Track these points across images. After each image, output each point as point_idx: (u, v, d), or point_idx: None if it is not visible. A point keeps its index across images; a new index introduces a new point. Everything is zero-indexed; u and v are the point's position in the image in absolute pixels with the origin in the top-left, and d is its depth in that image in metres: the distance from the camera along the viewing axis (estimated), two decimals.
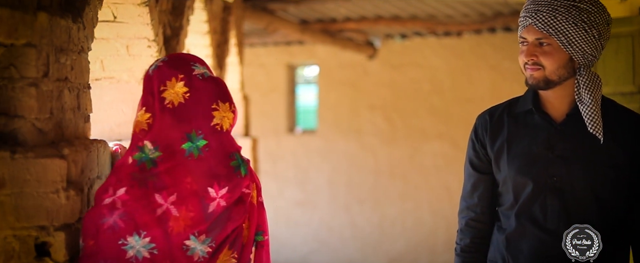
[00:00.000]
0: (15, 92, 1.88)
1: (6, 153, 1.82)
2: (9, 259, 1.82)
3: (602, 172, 2.18)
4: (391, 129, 8.99)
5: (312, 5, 7.35)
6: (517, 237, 2.25)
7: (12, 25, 1.82)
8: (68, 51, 2.10)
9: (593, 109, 2.14)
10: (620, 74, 4.83)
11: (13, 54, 1.88)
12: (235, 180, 1.85)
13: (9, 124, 1.89)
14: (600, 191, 2.19)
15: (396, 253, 8.92)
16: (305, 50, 9.40)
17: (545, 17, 2.15)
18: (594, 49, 2.16)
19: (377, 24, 8.04)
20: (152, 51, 3.24)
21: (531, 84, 2.21)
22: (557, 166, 2.20)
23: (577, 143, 2.19)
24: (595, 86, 2.17)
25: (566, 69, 2.18)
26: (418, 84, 8.84)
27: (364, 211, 9.09)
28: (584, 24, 2.12)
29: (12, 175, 1.82)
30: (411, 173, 8.86)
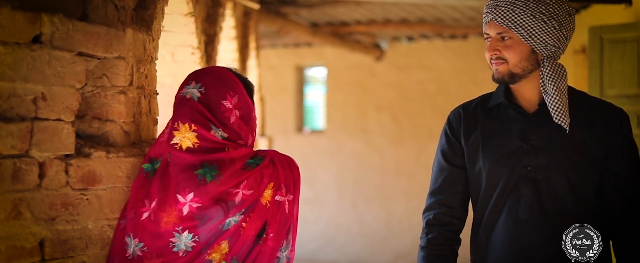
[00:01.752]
0: (107, 99, 2.13)
1: (102, 152, 2.06)
2: (104, 246, 2.07)
3: (576, 161, 2.18)
4: (398, 129, 9.23)
5: (323, 9, 7.58)
6: (491, 228, 2.25)
7: (108, 41, 2.06)
8: (144, 61, 2.34)
9: (557, 99, 2.15)
10: (625, 78, 5.06)
11: (105, 65, 2.13)
12: (202, 186, 2.00)
13: (102, 128, 2.13)
14: (575, 180, 2.18)
15: (403, 249, 9.15)
16: (314, 52, 9.63)
17: (504, 12, 2.15)
18: (556, 40, 2.16)
19: (385, 27, 8.28)
20: (195, 58, 3.48)
21: (497, 79, 2.21)
22: (532, 156, 2.20)
23: (550, 132, 2.20)
24: (559, 77, 2.17)
25: (529, 62, 2.18)
26: (424, 85, 9.08)
27: (371, 208, 9.33)
28: (542, 16, 2.13)
29: (107, 172, 2.06)
30: (417, 172, 9.09)
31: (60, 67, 1.94)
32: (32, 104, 1.89)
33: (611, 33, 5.18)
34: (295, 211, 2.15)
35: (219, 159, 2.04)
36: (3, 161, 1.83)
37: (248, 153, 2.11)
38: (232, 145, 2.08)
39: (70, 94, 1.98)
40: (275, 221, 2.09)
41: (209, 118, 2.06)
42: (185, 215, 2.00)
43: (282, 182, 2.11)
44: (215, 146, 2.06)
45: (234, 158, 2.07)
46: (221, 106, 2.08)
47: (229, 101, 2.09)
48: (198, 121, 2.05)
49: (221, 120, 2.07)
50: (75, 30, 1.96)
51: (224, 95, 2.09)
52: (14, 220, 1.86)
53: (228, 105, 2.09)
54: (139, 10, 2.52)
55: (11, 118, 1.85)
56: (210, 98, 2.07)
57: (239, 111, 2.11)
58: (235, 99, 2.11)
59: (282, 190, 2.11)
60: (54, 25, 1.91)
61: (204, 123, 2.05)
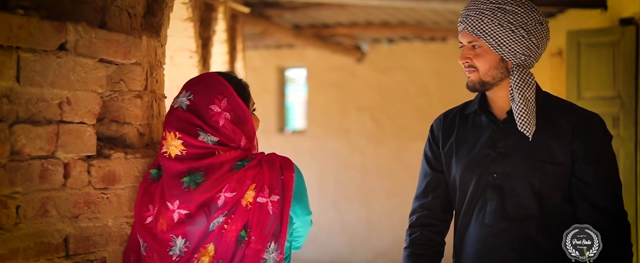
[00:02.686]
0: (124, 103, 2.24)
1: (121, 154, 2.17)
2: (123, 242, 2.18)
3: (541, 168, 2.20)
4: (378, 130, 9.39)
5: (306, 11, 7.71)
6: (463, 232, 2.31)
7: (126, 48, 2.17)
8: (155, 66, 2.46)
9: (522, 107, 2.17)
10: (602, 80, 5.27)
11: (123, 71, 2.24)
12: (185, 193, 2.08)
13: (119, 130, 2.24)
14: (539, 187, 2.21)
15: (383, 247, 9.31)
16: (295, 53, 9.76)
17: (473, 21, 2.20)
18: (525, 48, 2.18)
19: (367, 30, 8.43)
20: (193, 61, 3.59)
21: (469, 87, 2.26)
22: (498, 163, 2.24)
23: (517, 140, 2.22)
24: (526, 86, 2.19)
25: (499, 70, 2.22)
26: (404, 87, 9.25)
27: (351, 207, 9.47)
28: (510, 25, 2.16)
29: (126, 172, 2.17)
30: (397, 171, 9.26)
31: (84, 73, 2.05)
32: (58, 108, 2.00)
33: (588, 37, 5.38)
34: (285, 213, 2.12)
35: (206, 164, 2.08)
36: (32, 162, 1.94)
37: (238, 156, 2.13)
38: (223, 148, 2.11)
39: (93, 99, 2.09)
40: (256, 222, 2.10)
41: (197, 124, 2.09)
42: (176, 221, 2.09)
43: (266, 183, 2.11)
44: (204, 152, 2.09)
45: (223, 161, 2.09)
46: (209, 110, 2.12)
47: (217, 105, 2.13)
48: (183, 128, 2.09)
49: (211, 124, 2.11)
50: (97, 38, 2.07)
51: (212, 100, 2.13)
52: (42, 217, 1.97)
53: (217, 109, 2.12)
54: (148, 17, 2.63)
55: (39, 121, 1.95)
56: (199, 105, 2.12)
57: (229, 113, 2.13)
58: (224, 102, 2.14)
59: (265, 191, 2.10)
60: (78, 34, 2.02)
61: (189, 130, 2.09)
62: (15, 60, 1.88)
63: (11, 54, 1.88)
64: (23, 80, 1.90)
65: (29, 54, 1.91)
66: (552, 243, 2.21)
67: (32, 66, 1.92)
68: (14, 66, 1.88)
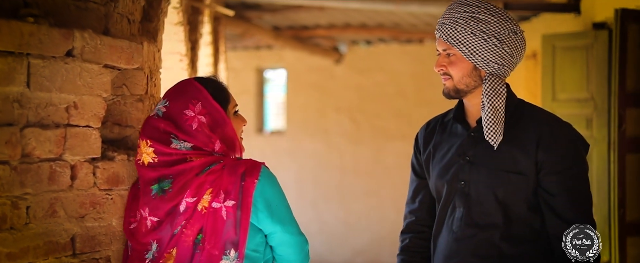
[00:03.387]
0: (126, 106, 2.32)
1: (124, 156, 2.25)
2: (126, 242, 2.26)
3: (505, 177, 2.21)
4: (357, 130, 9.51)
5: (286, 14, 7.80)
6: (436, 238, 2.34)
7: (129, 54, 2.26)
8: (154, 71, 2.54)
9: (489, 116, 2.18)
10: (576, 83, 5.43)
11: (125, 75, 2.32)
12: (153, 201, 2.13)
13: (122, 133, 2.33)
14: (503, 196, 2.21)
15: (361, 247, 9.43)
16: (274, 54, 9.84)
17: (448, 29, 2.22)
18: (498, 57, 2.19)
19: (345, 31, 8.55)
20: (183, 64, 3.68)
21: (445, 94, 2.27)
22: (465, 171, 2.25)
23: (484, 148, 2.23)
24: (496, 95, 2.20)
25: (472, 78, 2.23)
26: (382, 88, 9.39)
27: (330, 207, 9.58)
28: (482, 34, 2.17)
29: (128, 174, 2.25)
30: (375, 171, 9.39)
31: (90, 78, 2.13)
32: (65, 112, 2.07)
33: (563, 41, 5.55)
34: (242, 219, 2.08)
35: (176, 171, 2.10)
36: (41, 164, 2.02)
37: (209, 161, 2.12)
38: (196, 154, 2.12)
39: (98, 103, 2.17)
40: (211, 228, 2.09)
41: (171, 132, 2.12)
42: (149, 228, 2.15)
43: (222, 188, 2.09)
44: (176, 159, 2.11)
45: (193, 167, 2.10)
46: (184, 115, 2.14)
47: (191, 110, 2.14)
48: (154, 136, 2.12)
49: (185, 129, 2.12)
50: (102, 45, 2.15)
51: (186, 105, 2.15)
52: (50, 217, 2.04)
53: (190, 114, 2.14)
54: (144, 23, 2.71)
55: (48, 125, 2.03)
56: (173, 111, 2.15)
57: (204, 116, 2.14)
58: (199, 106, 2.15)
59: (220, 197, 2.09)
60: (84, 40, 2.10)
61: (162, 138, 2.11)
62: (25, 66, 1.96)
63: (22, 60, 1.95)
64: (33, 85, 1.98)
65: (38, 60, 1.99)
66: (517, 251, 2.22)
67: (41, 71, 1.99)
68: (24, 71, 1.96)
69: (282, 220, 2.17)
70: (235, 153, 2.22)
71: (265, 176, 2.14)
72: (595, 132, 5.41)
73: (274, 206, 2.15)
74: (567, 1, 5.98)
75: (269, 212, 2.13)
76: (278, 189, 2.18)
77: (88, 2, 2.24)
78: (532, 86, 7.45)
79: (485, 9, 2.21)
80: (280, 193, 2.19)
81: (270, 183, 2.15)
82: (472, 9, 2.21)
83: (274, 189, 2.16)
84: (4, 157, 1.91)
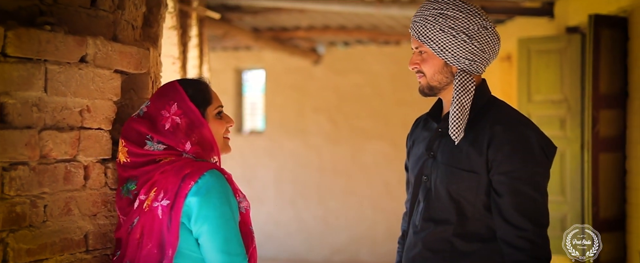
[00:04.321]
0: (134, 110, 2.42)
1: None
2: None
3: (458, 175, 2.21)
4: (335, 130, 9.65)
5: (267, 15, 7.91)
6: (406, 231, 2.41)
7: (138, 59, 2.36)
8: (157, 75, 2.65)
9: (455, 112, 2.19)
10: (550, 85, 5.64)
11: (133, 80, 2.43)
12: (120, 201, 2.21)
13: None
14: (456, 194, 2.22)
15: (339, 245, 9.57)
16: (253, 55, 9.95)
17: (419, 27, 2.23)
18: (467, 52, 2.20)
19: (324, 33, 8.69)
20: (175, 67, 3.77)
21: (420, 91, 2.30)
22: (428, 166, 2.28)
23: (445, 145, 2.25)
24: (464, 91, 2.20)
25: (444, 75, 2.24)
26: (360, 88, 9.54)
27: (309, 206, 9.71)
28: (451, 30, 2.18)
29: None
30: (353, 170, 9.54)
31: (101, 83, 2.23)
32: (79, 116, 2.18)
33: (538, 44, 5.75)
34: (173, 219, 2.07)
35: (142, 172, 2.16)
36: (57, 164, 2.12)
37: (173, 161, 2.15)
38: (168, 154, 2.16)
39: (109, 107, 2.27)
40: (149, 226, 2.12)
41: (146, 134, 2.16)
42: (117, 226, 2.25)
43: (164, 188, 2.10)
44: (147, 159, 2.15)
45: (158, 168, 2.14)
46: (160, 116, 2.18)
47: (167, 111, 2.18)
48: (129, 137, 2.18)
49: (159, 129, 2.17)
50: (113, 51, 2.26)
51: (164, 105, 2.19)
52: (66, 216, 2.15)
53: (166, 114, 2.18)
54: (145, 28, 2.81)
55: (63, 128, 2.13)
56: (152, 111, 2.20)
57: (179, 118, 2.17)
58: (174, 107, 2.18)
59: (160, 195, 2.10)
60: (96, 47, 2.20)
61: (137, 140, 2.16)
62: (43, 72, 2.06)
63: (40, 66, 2.05)
64: (50, 90, 2.08)
65: (55, 66, 2.09)
66: (470, 248, 2.22)
67: (57, 77, 2.10)
68: (42, 77, 2.06)
69: (218, 241, 2.09)
70: (212, 155, 2.24)
71: (206, 181, 2.09)
72: (568, 132, 5.61)
73: (211, 222, 2.08)
74: (542, 5, 6.18)
75: (196, 217, 2.08)
76: (215, 196, 2.09)
77: (98, 10, 2.34)
78: (507, 87, 7.65)
79: (454, 5, 2.21)
80: (217, 201, 2.09)
81: (208, 188, 2.09)
82: (441, 5, 2.22)
83: (209, 196, 2.09)
84: (24, 158, 2.02)
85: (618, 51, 4.66)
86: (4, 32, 1.96)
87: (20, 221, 2.01)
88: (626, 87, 4.71)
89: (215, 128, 2.24)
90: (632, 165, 4.66)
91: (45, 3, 2.18)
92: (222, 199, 2.10)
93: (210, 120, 2.23)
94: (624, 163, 4.74)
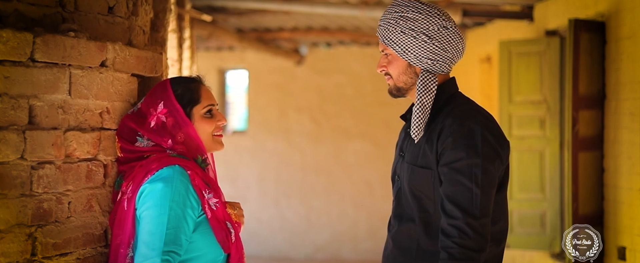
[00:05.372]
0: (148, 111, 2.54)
1: None
2: None
3: (416, 172, 2.28)
4: (317, 129, 9.80)
5: (252, 17, 8.03)
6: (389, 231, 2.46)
7: (153, 64, 2.49)
8: (166, 77, 2.77)
9: (416, 111, 2.25)
10: (530, 86, 5.83)
11: (146, 83, 2.55)
12: (113, 194, 2.34)
13: None
14: (417, 190, 2.28)
15: (322, 242, 9.72)
16: (235, 55, 10.05)
17: (382, 31, 2.31)
18: (429, 52, 2.26)
19: (307, 34, 8.82)
20: (174, 70, 3.89)
21: (389, 92, 2.36)
22: (399, 166, 2.37)
23: (409, 144, 2.34)
24: (426, 91, 2.25)
25: (408, 75, 2.30)
26: (342, 89, 9.69)
27: (291, 204, 9.84)
28: (412, 32, 2.24)
29: None
30: (335, 169, 9.69)
31: (120, 86, 2.36)
32: (99, 117, 2.30)
33: (518, 47, 5.94)
34: (128, 210, 2.18)
35: (128, 167, 2.28)
36: (80, 163, 2.24)
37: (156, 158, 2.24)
38: (157, 150, 2.27)
39: (127, 108, 2.39)
40: (118, 217, 2.24)
41: (136, 129, 2.28)
42: (110, 218, 2.34)
43: (131, 180, 2.23)
44: (136, 156, 2.27)
45: (143, 164, 2.25)
46: (148, 113, 2.29)
47: (154, 109, 2.28)
48: (122, 134, 2.30)
49: (146, 126, 2.28)
50: (130, 55, 2.38)
51: (153, 103, 2.29)
52: (88, 212, 2.27)
53: (154, 112, 2.28)
54: (152, 33, 2.94)
55: (85, 129, 2.25)
56: (143, 108, 2.31)
57: (165, 116, 2.27)
58: (161, 105, 2.27)
59: (128, 189, 2.22)
60: (115, 52, 2.33)
61: (128, 137, 2.29)
62: (68, 76, 2.18)
63: (65, 71, 2.17)
64: (74, 93, 2.20)
65: (78, 70, 2.21)
66: (434, 247, 2.25)
67: (80, 80, 2.22)
68: (67, 81, 2.18)
69: (143, 218, 2.17)
70: (198, 153, 2.30)
71: (161, 173, 2.17)
72: (548, 132, 5.82)
73: (146, 199, 2.17)
74: (521, 9, 6.37)
75: (141, 202, 2.18)
76: (161, 188, 2.15)
77: (115, 17, 2.46)
78: (487, 88, 7.85)
79: (414, 8, 2.27)
80: (160, 192, 2.15)
81: (160, 178, 2.16)
82: (401, 8, 2.28)
83: (155, 185, 2.16)
84: (51, 157, 2.13)
85: (596, 54, 4.85)
86: (33, 39, 2.07)
87: (47, 217, 2.13)
88: (604, 89, 4.91)
89: (203, 127, 2.31)
90: (609, 163, 4.86)
91: (67, 10, 2.30)
92: (167, 193, 2.13)
93: (197, 119, 2.31)
94: (601, 161, 4.94)
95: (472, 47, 8.05)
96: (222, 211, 2.25)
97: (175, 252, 2.12)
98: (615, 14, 4.72)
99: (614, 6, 4.73)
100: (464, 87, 2.46)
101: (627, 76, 4.56)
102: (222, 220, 2.24)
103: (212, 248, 2.22)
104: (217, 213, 2.23)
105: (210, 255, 2.23)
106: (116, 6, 2.45)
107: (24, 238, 2.06)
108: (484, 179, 2.18)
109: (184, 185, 2.16)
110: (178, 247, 2.13)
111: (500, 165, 2.24)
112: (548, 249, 5.85)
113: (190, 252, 2.20)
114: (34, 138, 2.09)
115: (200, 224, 2.21)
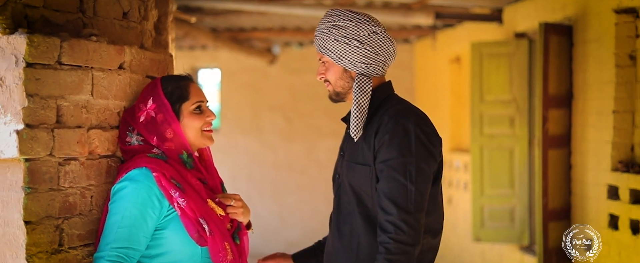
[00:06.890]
0: None
1: None
2: None
3: (354, 169, 2.37)
4: (289, 128, 9.97)
5: (227, 17, 8.16)
6: None
7: (164, 65, 2.64)
8: None
9: (353, 112, 2.34)
10: (500, 86, 6.10)
11: None
12: None
13: None
14: (356, 187, 2.37)
15: (294, 239, 9.88)
16: (208, 54, 10.17)
17: (318, 40, 2.42)
18: (362, 57, 2.35)
19: (281, 34, 8.99)
20: None
21: (329, 98, 2.48)
22: (339, 164, 2.48)
23: (349, 143, 2.43)
24: (361, 93, 2.35)
25: (344, 80, 2.41)
26: (314, 88, 9.87)
27: (264, 202, 9.99)
28: (344, 39, 2.34)
29: None
30: (308, 167, 9.87)
31: (136, 87, 2.51)
32: (117, 116, 2.45)
33: (489, 48, 6.20)
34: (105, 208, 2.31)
35: (120, 167, 2.39)
36: (101, 160, 2.39)
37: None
38: (145, 148, 2.36)
39: None
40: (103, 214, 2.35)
41: (128, 121, 2.38)
42: None
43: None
44: (130, 155, 2.37)
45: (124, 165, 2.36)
46: (138, 108, 2.37)
47: (144, 104, 2.36)
48: (119, 130, 2.42)
49: (135, 121, 2.36)
50: (144, 58, 2.53)
51: (144, 99, 2.37)
52: None
53: (144, 108, 2.36)
54: (156, 36, 3.08)
55: (105, 127, 2.40)
56: (135, 105, 2.41)
57: (154, 112, 2.34)
58: (150, 101, 2.35)
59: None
60: (132, 55, 2.48)
61: (122, 129, 2.40)
62: (90, 78, 2.33)
63: (88, 73, 2.32)
64: (95, 94, 2.35)
65: (99, 72, 2.36)
66: (374, 239, 2.34)
67: (101, 82, 2.37)
68: (90, 82, 2.32)
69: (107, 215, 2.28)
70: (183, 149, 2.38)
71: (128, 175, 2.27)
72: (517, 130, 6.09)
73: (112, 198, 2.27)
74: (491, 12, 6.63)
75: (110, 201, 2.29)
76: (122, 190, 2.25)
77: (129, 22, 2.61)
78: (456, 88, 8.11)
79: (345, 16, 2.37)
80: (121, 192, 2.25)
81: (128, 179, 2.25)
82: (333, 18, 2.38)
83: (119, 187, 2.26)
84: (76, 154, 2.28)
85: (564, 56, 5.11)
86: (60, 43, 2.22)
87: (73, 210, 2.28)
88: (571, 89, 5.18)
89: (191, 123, 2.39)
90: (576, 159, 5.13)
91: (87, 16, 2.45)
92: (126, 193, 2.23)
93: (186, 115, 2.38)
94: (569, 158, 5.21)
95: (442, 48, 8.30)
96: (194, 208, 2.29)
97: (129, 248, 2.22)
98: (582, 18, 4.99)
99: (581, 10, 5.00)
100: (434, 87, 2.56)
101: (593, 77, 4.83)
102: (193, 216, 2.29)
103: (186, 243, 2.30)
104: (185, 211, 2.28)
105: (186, 249, 2.30)
106: (130, 11, 2.60)
107: (52, 230, 2.21)
108: (417, 176, 2.29)
109: (145, 186, 2.24)
110: (133, 243, 2.22)
111: (434, 162, 2.36)
112: (517, 242, 6.12)
113: (160, 247, 2.29)
114: (62, 136, 2.23)
115: (171, 221, 2.29)
